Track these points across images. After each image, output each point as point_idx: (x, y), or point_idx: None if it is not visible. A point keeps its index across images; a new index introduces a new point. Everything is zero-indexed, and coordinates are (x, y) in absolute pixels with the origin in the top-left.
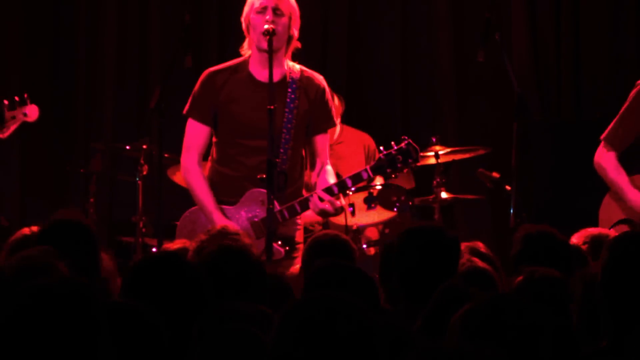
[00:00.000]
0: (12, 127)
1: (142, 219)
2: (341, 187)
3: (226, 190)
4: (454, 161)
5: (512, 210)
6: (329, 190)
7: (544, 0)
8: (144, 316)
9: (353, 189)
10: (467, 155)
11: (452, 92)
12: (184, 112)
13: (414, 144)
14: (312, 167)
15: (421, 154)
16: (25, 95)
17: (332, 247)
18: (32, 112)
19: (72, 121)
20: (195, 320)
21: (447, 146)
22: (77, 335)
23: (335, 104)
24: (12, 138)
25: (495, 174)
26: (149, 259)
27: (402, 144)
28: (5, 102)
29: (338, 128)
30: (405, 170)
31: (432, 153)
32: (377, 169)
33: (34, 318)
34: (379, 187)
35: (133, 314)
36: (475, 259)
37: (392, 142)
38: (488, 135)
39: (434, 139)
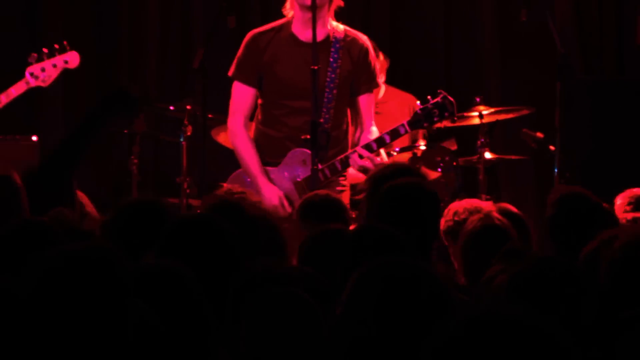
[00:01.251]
0: (54, 75)
1: (186, 180)
2: (380, 143)
3: (270, 151)
4: (497, 121)
5: (556, 170)
6: (368, 146)
7: None
8: (180, 276)
9: (397, 149)
10: (510, 116)
11: (495, 52)
12: (229, 74)
13: (450, 97)
14: (356, 127)
15: (465, 114)
16: (65, 43)
17: (325, 208)
18: (73, 58)
19: (116, 81)
20: (230, 281)
21: (491, 106)
22: (105, 298)
23: (380, 59)
24: (56, 94)
25: (539, 134)
26: (181, 221)
27: (438, 98)
28: (45, 50)
29: (383, 88)
30: (442, 124)
31: (476, 113)
32: (414, 124)
33: (60, 283)
34: (423, 148)
35: (169, 274)
36: (502, 219)
37: (429, 97)
38: (531, 95)
39: (477, 99)
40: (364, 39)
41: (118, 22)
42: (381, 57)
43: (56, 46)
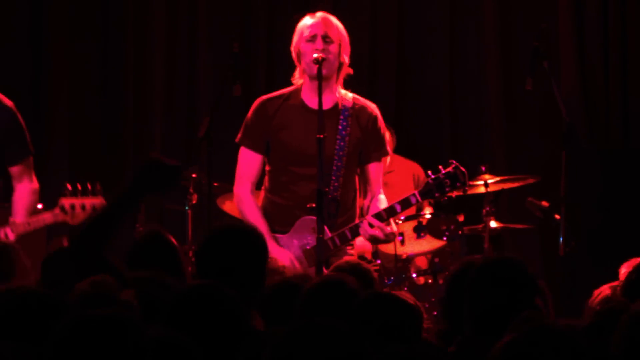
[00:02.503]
0: (81, 217)
1: (192, 248)
2: (390, 212)
3: (279, 219)
4: (503, 190)
5: (561, 239)
6: (378, 215)
7: (591, 28)
8: (185, 349)
9: (402, 217)
10: (516, 184)
11: (500, 121)
12: (237, 140)
13: (462, 168)
14: (365, 195)
15: (470, 182)
16: (99, 187)
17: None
18: (101, 205)
19: (121, 150)
20: (238, 351)
21: (496, 175)
22: None
23: (387, 137)
24: (61, 161)
25: (545, 203)
26: (190, 290)
27: (450, 168)
28: (79, 186)
29: (388, 158)
30: (454, 194)
31: (481, 182)
32: (426, 194)
33: (79, 349)
34: (428, 216)
35: (174, 346)
36: None
37: (440, 166)
38: (537, 163)
39: (483, 168)
40: (372, 107)
41: (124, 89)
42: (387, 134)
43: (89, 186)
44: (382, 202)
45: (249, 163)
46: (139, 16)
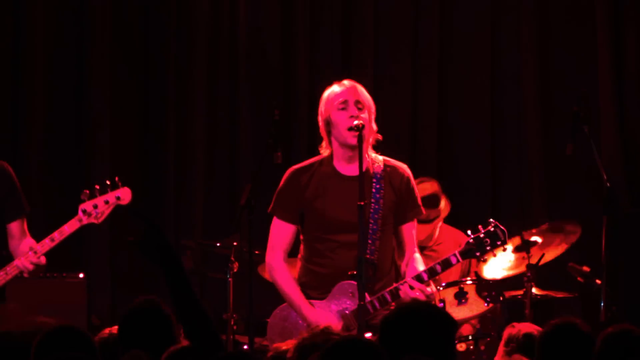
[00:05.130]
0: (107, 212)
1: (233, 317)
2: (431, 273)
3: (318, 287)
4: (543, 255)
5: (602, 304)
6: (418, 277)
7: (631, 93)
8: None
9: (443, 284)
10: (556, 252)
11: (541, 186)
12: (269, 210)
13: (501, 226)
14: (401, 256)
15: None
16: (117, 179)
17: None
18: (125, 195)
19: (162, 218)
20: None
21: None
22: None
23: (442, 206)
24: (103, 235)
25: (586, 268)
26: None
27: (489, 227)
28: (97, 186)
29: (437, 231)
30: (494, 254)
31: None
32: (466, 253)
33: None
34: (469, 282)
35: None
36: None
37: (479, 226)
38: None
39: (524, 234)
40: (404, 167)
41: (165, 155)
42: (443, 203)
43: (108, 182)
44: (419, 261)
45: (281, 233)
46: (181, 81)
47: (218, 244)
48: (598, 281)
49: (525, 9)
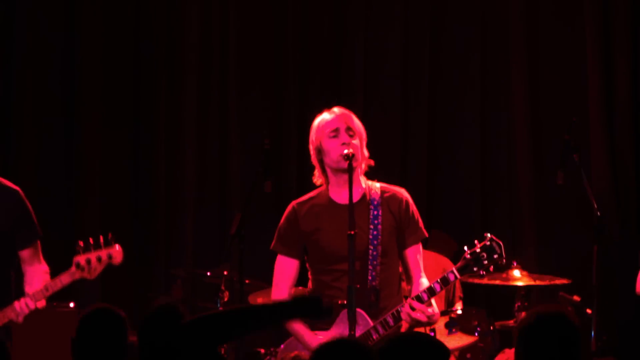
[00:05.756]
0: (99, 269)
1: (224, 346)
2: (430, 292)
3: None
4: (534, 285)
5: (593, 334)
6: (418, 298)
7: (622, 122)
8: None
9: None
10: (547, 282)
11: (531, 214)
12: (271, 247)
13: (497, 240)
14: (408, 282)
15: (503, 276)
16: (110, 235)
17: None
18: (116, 254)
19: (152, 248)
20: None
21: (528, 270)
22: None
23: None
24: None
25: (576, 297)
26: None
27: (486, 241)
28: (91, 240)
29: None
30: (491, 268)
31: (514, 276)
32: (464, 268)
33: None
34: (459, 312)
35: None
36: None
37: (475, 241)
38: (568, 257)
39: (514, 263)
40: (402, 192)
41: (155, 184)
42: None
43: (101, 238)
44: (424, 285)
45: (285, 269)
46: (171, 111)
47: (208, 273)
48: (589, 310)
49: (515, 37)
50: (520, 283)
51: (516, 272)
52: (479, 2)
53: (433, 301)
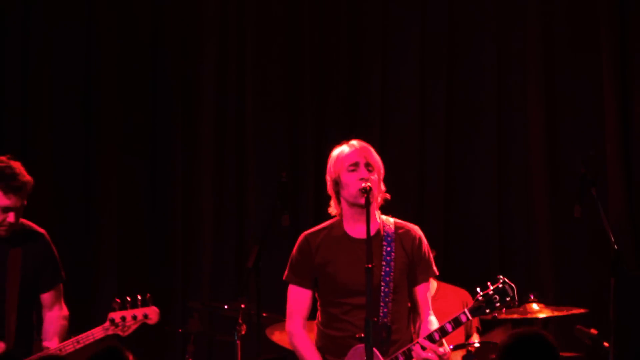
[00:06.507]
0: (133, 327)
1: None
2: (442, 332)
3: (334, 351)
4: (551, 317)
5: None
6: (430, 337)
7: (638, 155)
8: None
9: (451, 346)
10: (564, 313)
11: (548, 248)
12: (284, 278)
13: (510, 282)
14: (416, 319)
15: (520, 309)
16: (148, 296)
17: None
18: (153, 314)
19: (169, 280)
20: None
21: (544, 302)
22: None
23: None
24: (110, 297)
25: (594, 330)
26: None
27: (498, 283)
28: (129, 298)
29: (435, 285)
30: (504, 310)
31: (530, 310)
32: (476, 310)
33: None
34: (477, 345)
35: None
36: None
37: (488, 283)
38: (586, 290)
39: (531, 296)
40: (415, 229)
41: (172, 218)
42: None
43: (139, 297)
44: (433, 323)
45: (298, 300)
46: (187, 143)
47: (226, 307)
48: (606, 344)
49: (532, 67)
50: (540, 315)
51: (534, 306)
52: (494, 33)
53: (444, 340)
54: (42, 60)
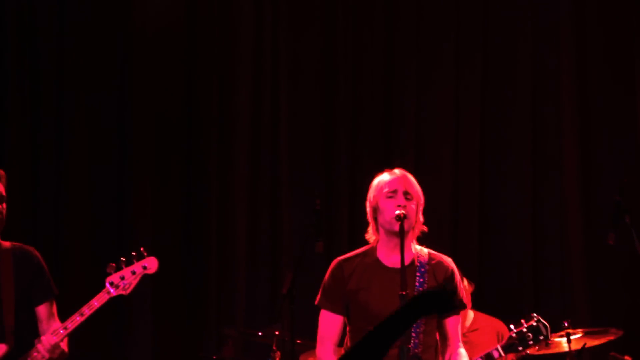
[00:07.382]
0: (134, 283)
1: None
2: None
3: None
4: (585, 346)
5: None
6: None
7: None
8: None
9: None
10: (599, 341)
11: (583, 275)
12: (316, 302)
13: (544, 321)
14: (444, 351)
15: (553, 337)
16: (142, 249)
17: None
18: (151, 264)
19: (204, 307)
20: None
21: (579, 330)
22: None
23: (465, 285)
24: (144, 324)
25: (628, 358)
26: None
27: (532, 321)
28: (123, 258)
29: (472, 315)
30: (536, 348)
31: (564, 338)
32: (508, 347)
33: None
34: None
35: None
36: None
37: (522, 320)
38: (620, 318)
39: (565, 323)
40: (448, 261)
41: (207, 243)
42: (465, 282)
43: (133, 253)
44: (462, 357)
45: (329, 325)
46: (222, 168)
47: (260, 333)
48: None
49: (566, 97)
50: (573, 336)
51: (564, 344)
52: (529, 61)
53: None
54: (76, 81)
